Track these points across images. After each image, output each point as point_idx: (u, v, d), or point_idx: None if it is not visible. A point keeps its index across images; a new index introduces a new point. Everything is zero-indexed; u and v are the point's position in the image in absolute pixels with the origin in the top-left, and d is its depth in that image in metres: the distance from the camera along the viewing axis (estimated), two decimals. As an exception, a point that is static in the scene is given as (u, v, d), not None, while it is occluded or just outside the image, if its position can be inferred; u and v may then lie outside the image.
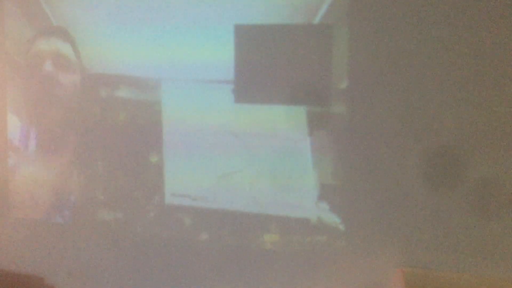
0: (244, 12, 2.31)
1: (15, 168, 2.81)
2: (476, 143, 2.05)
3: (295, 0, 2.23)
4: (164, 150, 2.50)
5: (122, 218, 2.60)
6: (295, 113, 2.28)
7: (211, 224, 2.45)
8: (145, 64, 2.49)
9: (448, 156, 2.09)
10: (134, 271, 2.61)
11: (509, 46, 1.98)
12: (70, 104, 2.69)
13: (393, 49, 2.12)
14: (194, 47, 2.40)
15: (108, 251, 2.64)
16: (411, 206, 2.13)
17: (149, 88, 2.50)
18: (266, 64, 2.30)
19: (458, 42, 2.03)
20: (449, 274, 2.06)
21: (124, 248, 2.62)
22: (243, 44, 2.32)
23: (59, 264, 2.72)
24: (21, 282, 2.72)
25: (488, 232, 2.04)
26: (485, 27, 2.00)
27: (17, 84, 2.80)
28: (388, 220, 2.16)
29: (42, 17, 2.68)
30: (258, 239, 2.37)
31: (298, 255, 2.31)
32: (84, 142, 2.67)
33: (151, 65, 2.48)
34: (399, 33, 2.10)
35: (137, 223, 2.57)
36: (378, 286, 2.19)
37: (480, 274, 2.05)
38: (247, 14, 2.31)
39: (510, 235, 2.03)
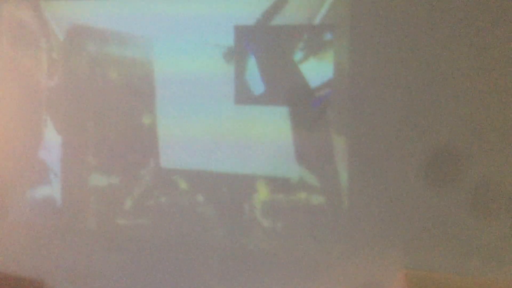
0: (244, 12, 2.29)
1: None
2: (476, 143, 2.05)
3: (295, 0, 2.21)
4: (157, 111, 2.42)
5: (116, 183, 2.51)
6: (295, 113, 2.28)
7: (206, 186, 2.41)
8: (135, 21, 2.40)
9: (449, 157, 2.09)
10: (134, 273, 2.61)
11: (509, 46, 1.98)
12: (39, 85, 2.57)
13: (394, 49, 2.11)
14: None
15: (108, 253, 2.63)
16: (413, 208, 2.13)
17: (140, 46, 2.40)
18: (266, 64, 2.29)
19: (458, 41, 2.03)
20: (451, 276, 2.07)
21: (126, 252, 2.61)
22: (243, 44, 2.30)
23: (58, 267, 2.70)
24: (21, 285, 2.71)
25: (490, 234, 2.05)
26: (485, 28, 2.00)
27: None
28: (390, 222, 2.16)
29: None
30: (249, 199, 2.36)
31: (300, 256, 2.32)
32: (71, 101, 2.54)
33: (142, 22, 2.39)
34: (399, 33, 2.09)
35: (133, 188, 2.48)
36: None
37: (482, 276, 2.06)
38: (247, 14, 2.29)
39: (511, 236, 2.04)
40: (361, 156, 2.19)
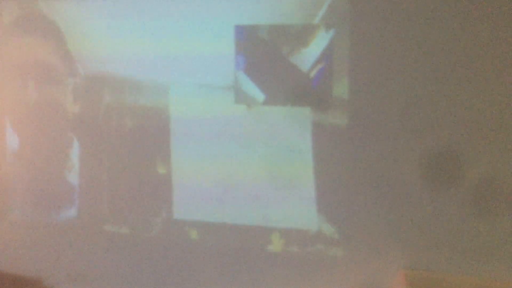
0: (244, 12, 2.30)
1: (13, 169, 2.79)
2: (476, 143, 2.05)
3: (295, 0, 2.22)
4: (172, 161, 2.44)
5: (127, 232, 2.56)
6: (295, 113, 2.28)
7: (217, 237, 2.43)
8: (149, 68, 2.43)
9: (448, 157, 2.09)
10: (134, 273, 2.60)
11: (508, 46, 1.98)
12: (64, 112, 2.62)
13: (394, 49, 2.11)
14: (196, 48, 2.36)
15: (108, 253, 2.63)
16: (412, 208, 2.13)
17: (156, 93, 2.42)
18: (266, 64, 2.29)
19: (458, 41, 2.03)
20: (451, 276, 2.06)
21: (126, 251, 2.62)
22: (243, 44, 2.31)
23: (58, 266, 2.71)
24: (20, 284, 2.71)
25: (490, 234, 2.05)
26: (485, 28, 2.00)
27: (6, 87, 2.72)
28: (390, 221, 2.16)
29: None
30: (262, 249, 2.38)
31: (299, 258, 2.31)
32: (87, 149, 2.60)
33: (156, 69, 2.42)
34: (399, 33, 2.10)
35: (143, 237, 2.54)
36: (380, 288, 2.20)
37: (482, 276, 2.05)
38: (247, 14, 2.30)
39: (511, 236, 2.04)
40: (360, 154, 2.19)
